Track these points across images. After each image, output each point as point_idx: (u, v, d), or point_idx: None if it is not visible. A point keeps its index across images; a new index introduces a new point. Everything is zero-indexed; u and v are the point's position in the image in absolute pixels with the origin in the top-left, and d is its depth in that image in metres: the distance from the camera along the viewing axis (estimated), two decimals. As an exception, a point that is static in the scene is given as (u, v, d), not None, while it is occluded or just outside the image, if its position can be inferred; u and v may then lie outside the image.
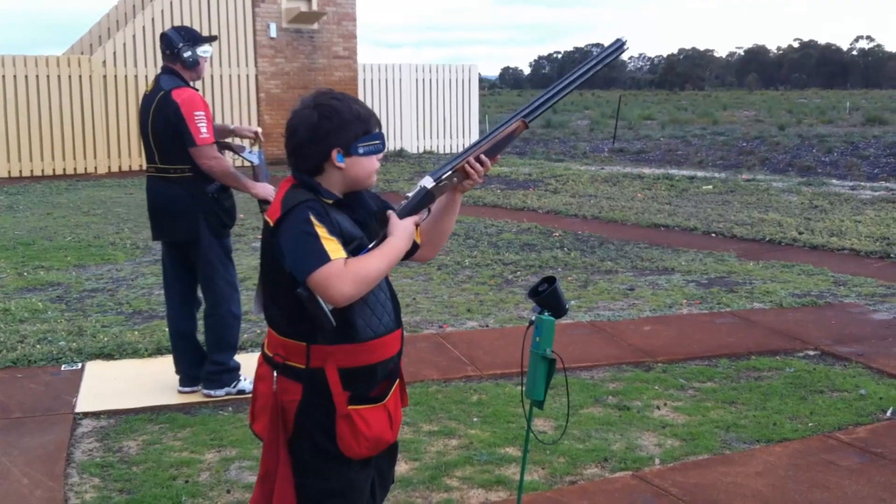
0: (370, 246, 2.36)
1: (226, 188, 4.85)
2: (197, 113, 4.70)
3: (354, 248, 2.34)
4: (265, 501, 2.42)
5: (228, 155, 5.31)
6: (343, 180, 2.38)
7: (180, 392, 5.09)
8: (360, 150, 2.36)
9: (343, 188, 2.39)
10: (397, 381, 2.53)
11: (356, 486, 2.44)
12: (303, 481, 2.38)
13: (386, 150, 2.47)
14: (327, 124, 2.33)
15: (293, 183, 2.38)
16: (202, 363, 5.06)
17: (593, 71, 2.66)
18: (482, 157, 2.53)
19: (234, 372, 5.04)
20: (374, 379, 2.42)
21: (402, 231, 2.39)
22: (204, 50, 4.89)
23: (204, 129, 4.70)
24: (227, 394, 5.01)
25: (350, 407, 2.34)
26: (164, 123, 4.77)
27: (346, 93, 2.44)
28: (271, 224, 2.30)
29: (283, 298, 2.33)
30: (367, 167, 2.39)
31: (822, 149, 22.07)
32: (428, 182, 2.50)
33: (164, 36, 4.88)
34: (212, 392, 5.01)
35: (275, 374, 2.40)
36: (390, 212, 2.44)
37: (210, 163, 4.73)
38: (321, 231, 2.25)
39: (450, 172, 2.52)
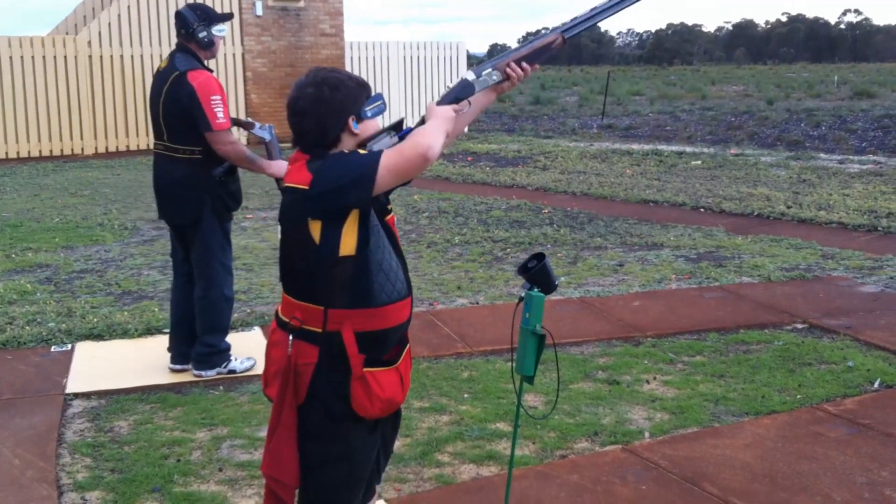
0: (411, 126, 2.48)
1: (233, 171, 4.83)
2: (213, 97, 4.66)
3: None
4: (275, 463, 2.49)
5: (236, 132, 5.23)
6: (355, 145, 2.46)
7: (171, 370, 5.09)
8: (369, 114, 2.47)
9: None
10: (407, 345, 2.62)
11: (362, 451, 2.51)
12: (310, 445, 2.45)
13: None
14: (339, 95, 2.42)
15: (309, 158, 2.43)
16: (192, 342, 5.07)
17: (625, 4, 2.75)
18: (522, 63, 2.67)
19: (224, 353, 5.05)
20: (388, 343, 2.50)
21: (441, 112, 2.48)
22: (219, 29, 4.82)
23: (220, 114, 4.66)
24: (219, 374, 5.01)
25: (365, 369, 2.42)
26: (176, 105, 4.73)
27: (337, 67, 2.53)
28: (305, 187, 2.35)
29: (307, 263, 2.40)
30: (375, 128, 2.50)
31: (811, 123, 22.10)
32: (469, 75, 2.62)
33: (178, 14, 4.81)
34: (203, 373, 5.01)
35: (290, 338, 2.45)
36: (430, 103, 2.56)
37: (226, 148, 4.71)
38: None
39: (490, 69, 2.63)
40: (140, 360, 5.28)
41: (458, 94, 2.60)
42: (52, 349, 5.53)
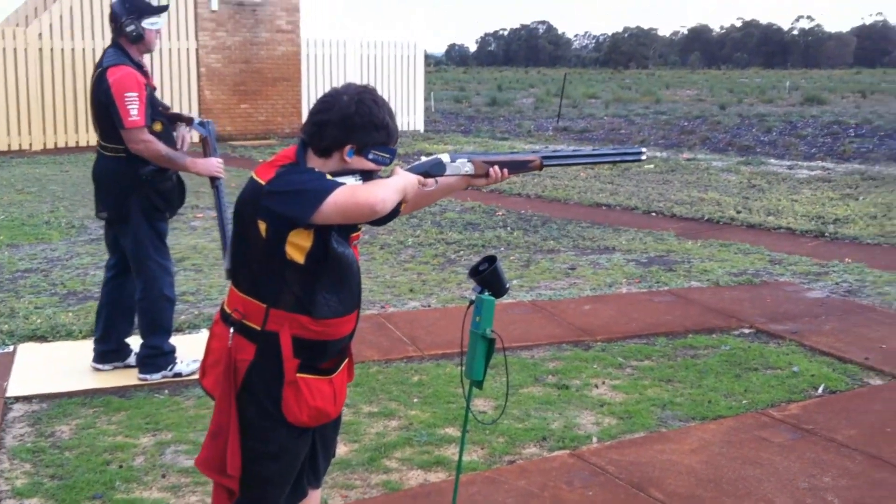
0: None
1: (162, 171, 4.75)
2: (128, 94, 4.56)
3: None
4: (217, 457, 2.48)
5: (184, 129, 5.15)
6: (339, 170, 2.44)
7: (93, 368, 5.06)
8: (370, 156, 2.45)
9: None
10: (346, 359, 2.61)
11: (292, 452, 2.52)
12: (244, 441, 2.45)
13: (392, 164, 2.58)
14: (358, 120, 2.40)
15: (290, 162, 2.42)
16: (112, 341, 5.02)
17: (607, 160, 3.04)
18: (504, 169, 2.76)
19: (169, 355, 4.97)
20: (325, 353, 2.50)
21: (406, 175, 2.49)
22: (151, 22, 4.71)
23: (134, 112, 4.56)
24: (164, 377, 4.94)
25: (298, 375, 2.42)
26: (99, 102, 4.68)
27: (386, 101, 2.51)
28: (262, 182, 2.35)
29: (255, 258, 2.40)
30: (367, 169, 2.48)
31: (762, 128, 22.42)
32: (445, 157, 2.70)
33: (110, 9, 4.76)
34: (147, 376, 4.93)
35: (231, 330, 2.45)
36: (396, 167, 2.56)
37: (138, 146, 4.61)
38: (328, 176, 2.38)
39: (465, 159, 2.72)
40: (84, 363, 5.17)
41: (428, 169, 2.65)
42: (-6, 350, 5.42)
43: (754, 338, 5.84)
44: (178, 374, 4.94)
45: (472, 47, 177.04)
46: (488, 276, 2.94)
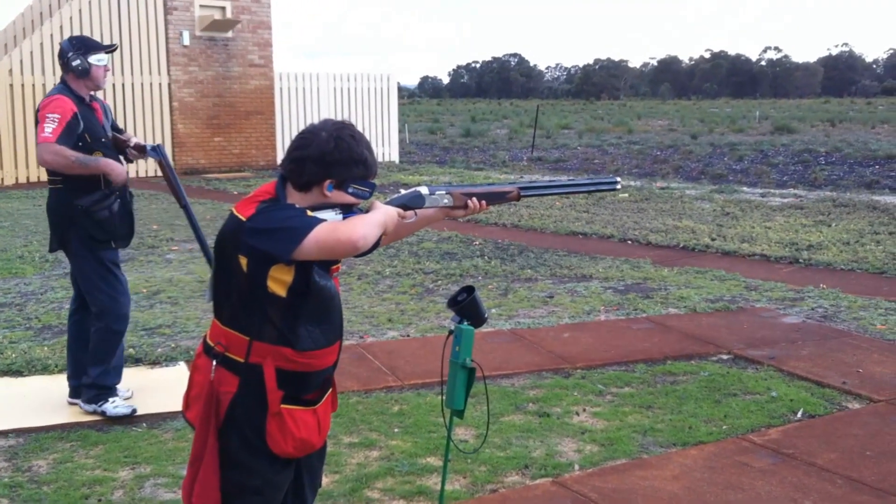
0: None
1: (100, 200, 4.70)
2: (49, 115, 4.60)
3: None
4: (190, 486, 2.48)
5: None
6: (319, 204, 2.45)
7: (69, 403, 5.02)
8: (350, 190, 2.47)
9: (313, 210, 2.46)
10: (330, 389, 2.61)
11: (275, 485, 2.51)
12: (226, 473, 2.44)
13: (371, 197, 2.60)
14: (337, 156, 2.42)
15: (270, 197, 2.43)
16: (82, 375, 4.96)
17: (583, 190, 3.10)
18: (482, 200, 2.81)
19: (103, 390, 4.86)
20: (309, 385, 2.50)
21: (385, 209, 2.51)
22: (98, 58, 4.72)
23: (48, 130, 4.57)
24: (95, 412, 4.84)
25: (282, 406, 2.42)
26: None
27: (363, 135, 2.53)
28: (243, 218, 2.36)
29: (237, 291, 2.40)
30: (347, 203, 2.49)
31: (734, 157, 22.67)
32: (423, 190, 2.73)
33: (60, 47, 4.81)
34: (84, 406, 4.91)
35: (214, 363, 2.45)
36: (375, 200, 2.57)
37: (46, 157, 4.61)
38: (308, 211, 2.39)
39: (444, 192, 2.75)
40: (60, 397, 5.11)
41: (406, 202, 2.68)
42: (-33, 386, 5.34)
43: (732, 363, 5.87)
44: (104, 414, 4.83)
45: (445, 79, 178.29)
46: (467, 307, 2.95)
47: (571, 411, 4.99)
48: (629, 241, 10.43)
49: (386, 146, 22.46)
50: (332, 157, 2.41)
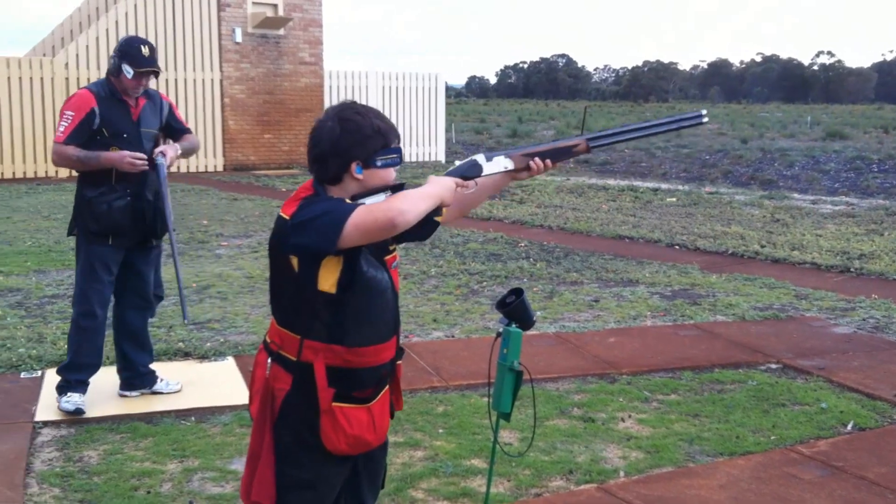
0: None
1: (105, 194, 4.76)
2: (65, 112, 4.71)
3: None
4: (248, 483, 2.51)
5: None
6: (359, 190, 2.44)
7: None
8: (378, 163, 2.43)
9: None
10: (386, 387, 2.59)
11: (328, 481, 2.51)
12: (280, 467, 2.46)
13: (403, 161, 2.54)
14: (349, 138, 2.40)
15: (310, 193, 2.44)
16: (130, 367, 5.07)
17: (662, 130, 2.81)
18: (547, 160, 2.71)
19: (66, 386, 4.88)
20: (361, 382, 2.48)
21: (438, 180, 2.46)
22: (127, 69, 4.72)
23: (61, 129, 4.70)
24: (61, 409, 4.85)
25: (334, 404, 2.42)
26: None
27: (369, 106, 2.51)
28: (287, 217, 2.37)
29: (287, 291, 2.43)
30: (384, 178, 2.46)
31: (784, 162, 22.38)
32: (480, 158, 2.66)
33: None
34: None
35: (269, 360, 2.48)
36: (431, 175, 2.54)
37: (54, 158, 4.77)
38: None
39: (503, 156, 2.67)
40: (111, 389, 5.19)
41: (464, 172, 2.62)
42: (22, 375, 5.45)
43: (781, 373, 5.80)
44: (67, 411, 4.81)
45: (493, 79, 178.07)
46: (516, 309, 2.94)
47: (616, 417, 4.96)
48: (676, 246, 10.34)
49: (432, 145, 22.52)
50: (344, 142, 2.40)
